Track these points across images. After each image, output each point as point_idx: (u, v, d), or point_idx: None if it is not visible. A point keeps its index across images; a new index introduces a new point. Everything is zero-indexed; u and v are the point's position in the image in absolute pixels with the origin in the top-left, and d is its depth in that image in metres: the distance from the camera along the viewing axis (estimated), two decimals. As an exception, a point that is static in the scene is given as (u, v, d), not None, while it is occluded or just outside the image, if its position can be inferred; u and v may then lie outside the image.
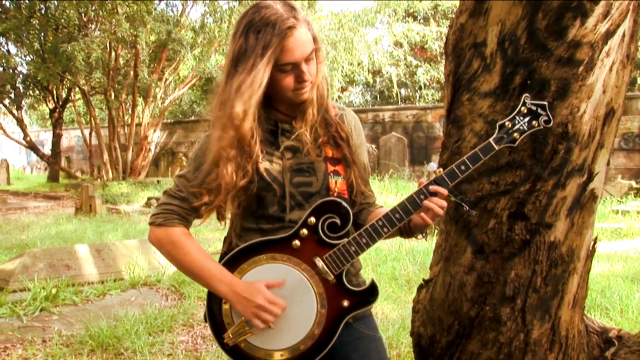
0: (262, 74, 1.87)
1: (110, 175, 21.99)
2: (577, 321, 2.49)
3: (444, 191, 1.91)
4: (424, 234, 2.02)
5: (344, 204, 1.97)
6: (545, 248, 2.29)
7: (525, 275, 2.32)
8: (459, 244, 2.42)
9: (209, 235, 9.96)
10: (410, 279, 6.56)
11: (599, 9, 2.11)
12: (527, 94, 1.92)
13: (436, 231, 2.56)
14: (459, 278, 2.40)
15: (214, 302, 2.05)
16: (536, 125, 1.89)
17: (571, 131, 2.20)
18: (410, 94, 28.57)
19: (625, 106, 11.74)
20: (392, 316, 5.15)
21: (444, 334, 2.48)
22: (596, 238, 2.52)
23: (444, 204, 1.91)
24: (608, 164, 2.42)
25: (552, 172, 2.23)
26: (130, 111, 22.98)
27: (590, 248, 2.48)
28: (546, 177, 2.23)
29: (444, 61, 2.71)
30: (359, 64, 24.65)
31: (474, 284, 2.37)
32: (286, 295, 1.97)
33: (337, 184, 2.06)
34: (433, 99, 26.90)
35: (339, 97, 28.17)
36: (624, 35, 2.25)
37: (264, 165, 2.01)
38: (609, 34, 2.17)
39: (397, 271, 6.84)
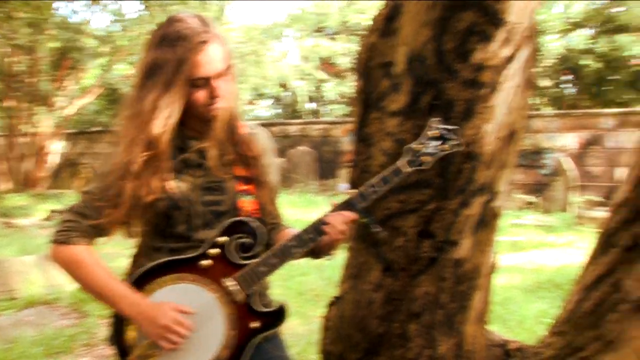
0: (181, 91, 1.84)
1: (7, 187, 20.98)
2: (480, 335, 2.55)
3: (349, 216, 1.90)
4: (330, 255, 2.02)
5: (256, 223, 1.95)
6: (451, 265, 2.35)
7: (432, 292, 2.36)
8: (368, 262, 2.43)
9: (111, 250, 9.64)
10: (318, 293, 6.58)
11: (501, 34, 2.18)
12: (436, 118, 1.96)
13: (345, 248, 2.58)
14: (368, 295, 2.42)
15: (119, 323, 1.98)
16: (447, 149, 1.93)
17: (476, 151, 2.26)
18: (319, 109, 28.82)
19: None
20: (300, 331, 5.14)
21: (353, 351, 2.48)
22: (496, 255, 2.60)
23: (342, 228, 1.91)
24: (509, 182, 2.51)
25: (458, 191, 2.28)
26: (28, 120, 22.04)
27: (492, 264, 2.56)
28: (452, 196, 2.29)
29: (352, 77, 2.74)
30: (267, 78, 24.67)
31: (383, 302, 2.39)
32: (194, 316, 1.92)
33: (247, 203, 2.04)
34: (340, 113, 27.24)
35: (248, 110, 28.08)
36: (524, 60, 2.34)
37: (172, 182, 1.96)
38: (510, 59, 2.25)
39: (305, 286, 6.85)
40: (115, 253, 9.42)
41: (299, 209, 14.31)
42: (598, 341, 2.57)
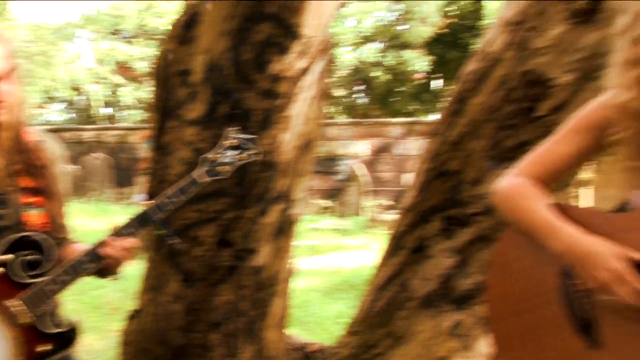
0: None
1: None
2: (281, 340, 2.61)
3: (128, 243, 1.83)
4: (115, 274, 1.91)
5: (44, 238, 1.82)
6: (251, 273, 2.37)
7: (232, 301, 2.37)
8: (167, 273, 2.38)
9: None
10: (116, 307, 6.31)
11: (297, 47, 2.25)
12: (232, 128, 1.95)
13: (144, 259, 2.50)
14: (168, 307, 2.37)
15: None
16: (244, 158, 1.93)
17: (273, 160, 2.31)
18: (115, 114, 27.74)
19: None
20: (98, 347, 4.90)
21: (152, 365, 2.42)
22: (294, 260, 2.67)
23: (121, 253, 1.83)
24: (306, 189, 2.59)
25: (256, 200, 2.32)
26: None
27: (290, 269, 2.62)
28: (250, 205, 2.32)
29: (150, 82, 2.67)
30: (58, 80, 23.28)
31: (183, 313, 2.36)
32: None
33: (34, 216, 1.89)
34: (138, 119, 26.44)
35: (37, 114, 26.28)
36: (319, 72, 2.43)
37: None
38: (306, 70, 2.33)
39: (101, 299, 6.54)
40: None
41: (93, 218, 13.63)
42: (389, 337, 2.75)
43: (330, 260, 9.47)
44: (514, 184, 1.48)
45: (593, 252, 1.26)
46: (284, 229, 2.44)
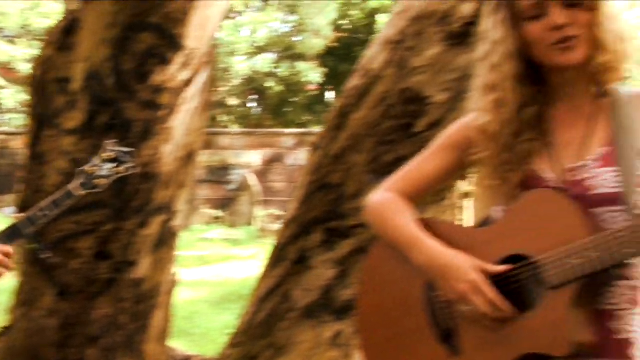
0: None
1: None
2: (162, 353, 2.57)
3: (8, 250, 1.76)
4: None
5: None
6: (130, 285, 2.33)
7: (110, 314, 2.32)
8: (40, 287, 2.30)
9: None
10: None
11: (179, 59, 2.25)
12: (111, 140, 1.92)
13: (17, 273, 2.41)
14: (41, 322, 2.29)
15: None
16: (121, 171, 1.90)
17: (154, 172, 2.29)
18: (-5, 117, 26.36)
19: (210, 141, 12.33)
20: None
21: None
22: (177, 272, 2.65)
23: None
24: (190, 200, 2.58)
25: (136, 212, 2.29)
26: None
27: (173, 281, 2.60)
28: (130, 217, 2.28)
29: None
30: None
31: (58, 328, 2.28)
32: None
33: None
34: (21, 124, 25.24)
35: None
36: (202, 84, 2.44)
37: None
38: (189, 82, 2.32)
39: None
40: None
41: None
42: (271, 348, 2.77)
43: (220, 271, 9.40)
44: (383, 199, 1.55)
45: (452, 264, 1.34)
46: (165, 241, 2.41)
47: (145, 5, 2.20)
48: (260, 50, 19.28)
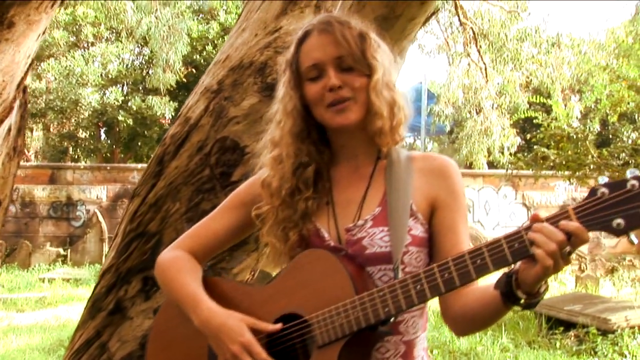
0: None
1: None
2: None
3: None
4: None
5: None
6: None
7: None
8: None
9: None
10: None
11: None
12: None
13: None
14: None
15: None
16: None
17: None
18: None
19: (55, 175, 11.88)
20: None
21: None
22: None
23: None
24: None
25: None
26: None
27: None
28: None
29: None
30: None
31: None
32: None
33: None
34: None
35: None
36: (10, 129, 2.34)
37: None
38: (-8, 129, 2.23)
39: None
40: None
41: None
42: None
43: (60, 312, 8.95)
44: (170, 257, 1.56)
45: (225, 325, 1.37)
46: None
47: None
48: (111, 82, 18.79)
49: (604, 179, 1.16)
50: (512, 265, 1.23)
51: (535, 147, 8.28)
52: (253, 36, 2.66)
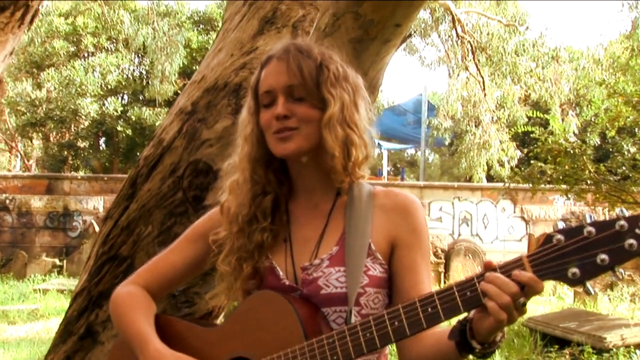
0: None
1: None
2: None
3: None
4: None
5: None
6: None
7: None
8: None
9: None
10: None
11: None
12: None
13: None
14: None
15: None
16: None
17: None
18: None
19: (52, 185, 11.85)
20: None
21: None
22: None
23: None
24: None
25: None
26: None
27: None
28: None
29: None
30: None
31: None
32: None
33: None
34: None
35: None
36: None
37: None
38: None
39: None
40: None
41: None
42: None
43: (52, 325, 8.87)
44: (124, 293, 1.50)
45: None
46: None
47: None
48: (110, 93, 18.79)
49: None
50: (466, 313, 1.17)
51: (532, 161, 8.22)
52: (229, 56, 2.61)
